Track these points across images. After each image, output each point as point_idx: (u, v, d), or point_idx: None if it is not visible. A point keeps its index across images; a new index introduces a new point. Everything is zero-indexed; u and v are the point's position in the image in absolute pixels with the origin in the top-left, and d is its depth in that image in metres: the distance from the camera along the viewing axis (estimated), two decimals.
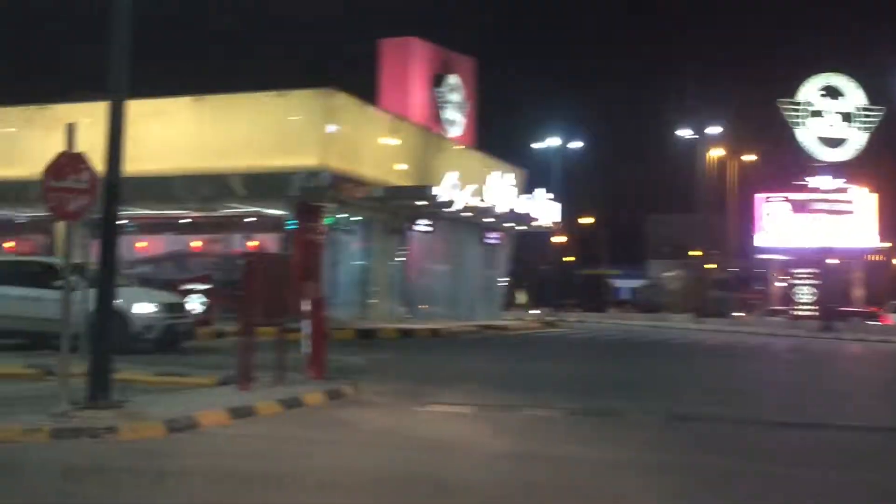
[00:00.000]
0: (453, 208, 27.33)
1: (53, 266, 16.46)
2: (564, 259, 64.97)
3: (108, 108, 9.44)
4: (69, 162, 9.23)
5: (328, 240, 25.05)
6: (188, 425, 9.01)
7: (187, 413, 9.33)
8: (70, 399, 8.92)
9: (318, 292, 13.22)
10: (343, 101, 24.90)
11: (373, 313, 26.58)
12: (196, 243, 29.16)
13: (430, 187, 26.18)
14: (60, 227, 8.62)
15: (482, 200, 28.78)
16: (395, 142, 27.48)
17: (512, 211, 30.55)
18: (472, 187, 27.92)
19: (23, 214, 28.46)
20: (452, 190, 26.73)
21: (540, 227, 34.45)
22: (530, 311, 41.68)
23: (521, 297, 52.39)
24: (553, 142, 47.40)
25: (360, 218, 27.25)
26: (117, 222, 9.75)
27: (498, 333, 27.07)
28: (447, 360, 18.35)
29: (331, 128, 23.85)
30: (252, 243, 28.33)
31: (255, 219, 28.03)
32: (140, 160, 21.52)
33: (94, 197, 9.23)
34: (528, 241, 41.07)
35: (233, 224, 28.73)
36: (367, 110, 26.92)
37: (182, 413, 9.32)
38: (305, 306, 12.76)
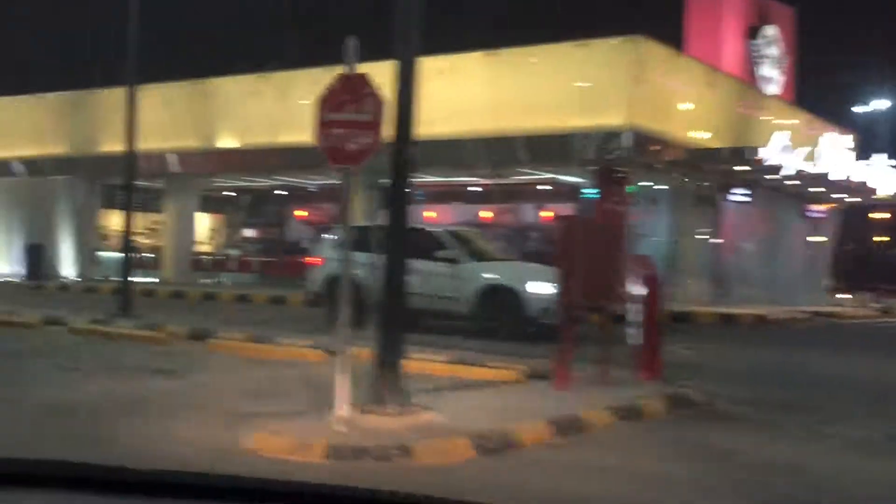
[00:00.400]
0: (779, 175, 23.35)
1: (435, 236, 15.05)
2: (875, 238, 57.70)
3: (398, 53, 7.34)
4: (347, 87, 6.93)
5: (631, 211, 22.00)
6: (503, 444, 6.56)
7: (499, 426, 6.89)
8: (350, 397, 6.77)
9: (651, 268, 10.41)
10: (653, 51, 21.76)
11: (682, 294, 23.29)
12: (485, 213, 27.26)
13: (755, 149, 22.37)
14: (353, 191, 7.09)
15: (812, 166, 24.49)
16: (709, 98, 23.94)
17: (847, 179, 25.94)
18: (801, 151, 23.76)
19: (313, 182, 27.88)
20: (783, 153, 22.71)
21: (879, 199, 29.35)
22: (837, 296, 36.28)
23: (830, 280, 46.57)
24: (880, 104, 41.43)
25: (667, 186, 23.95)
26: (408, 181, 7.60)
27: (831, 321, 22.86)
28: (791, 354, 14.88)
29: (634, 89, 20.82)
30: (545, 213, 25.98)
31: (548, 187, 25.63)
32: (428, 122, 19.79)
33: (379, 134, 6.92)
34: (844, 217, 35.83)
35: (523, 192, 26.54)
36: (680, 61, 23.54)
37: (492, 425, 6.90)
38: (633, 287, 10.06)
